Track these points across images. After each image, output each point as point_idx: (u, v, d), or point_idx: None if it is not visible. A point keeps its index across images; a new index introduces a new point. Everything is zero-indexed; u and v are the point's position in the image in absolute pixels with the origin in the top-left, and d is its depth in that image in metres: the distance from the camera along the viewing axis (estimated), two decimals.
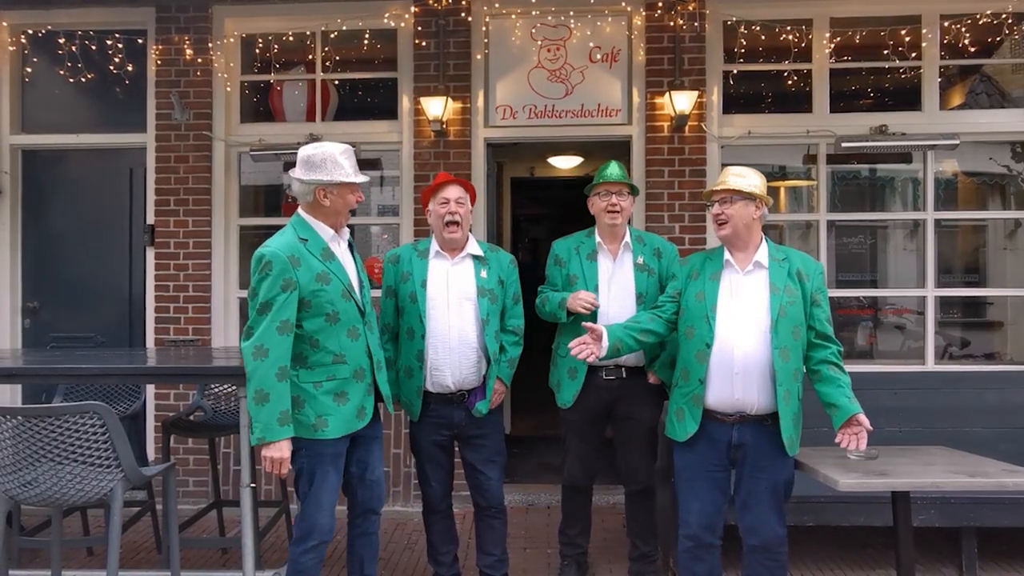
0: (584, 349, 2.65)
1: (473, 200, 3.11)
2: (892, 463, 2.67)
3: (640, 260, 3.15)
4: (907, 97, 4.65)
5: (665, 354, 3.06)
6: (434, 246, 3.05)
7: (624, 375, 3.11)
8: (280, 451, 2.44)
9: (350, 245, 2.75)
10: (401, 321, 3.02)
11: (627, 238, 3.18)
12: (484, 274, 3.02)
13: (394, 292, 3.05)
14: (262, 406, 2.42)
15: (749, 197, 2.61)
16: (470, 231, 3.13)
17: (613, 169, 3.18)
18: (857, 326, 4.96)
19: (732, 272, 2.66)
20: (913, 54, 4.56)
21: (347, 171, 2.60)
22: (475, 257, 3.05)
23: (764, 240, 2.70)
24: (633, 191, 3.19)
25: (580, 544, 3.36)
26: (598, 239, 3.19)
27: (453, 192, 2.99)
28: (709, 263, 2.73)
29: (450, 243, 3.02)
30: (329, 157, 2.59)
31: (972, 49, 4.50)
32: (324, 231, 2.62)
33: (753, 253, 2.66)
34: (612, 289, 3.11)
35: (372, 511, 2.88)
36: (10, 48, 4.82)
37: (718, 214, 2.65)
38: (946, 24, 4.50)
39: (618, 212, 3.11)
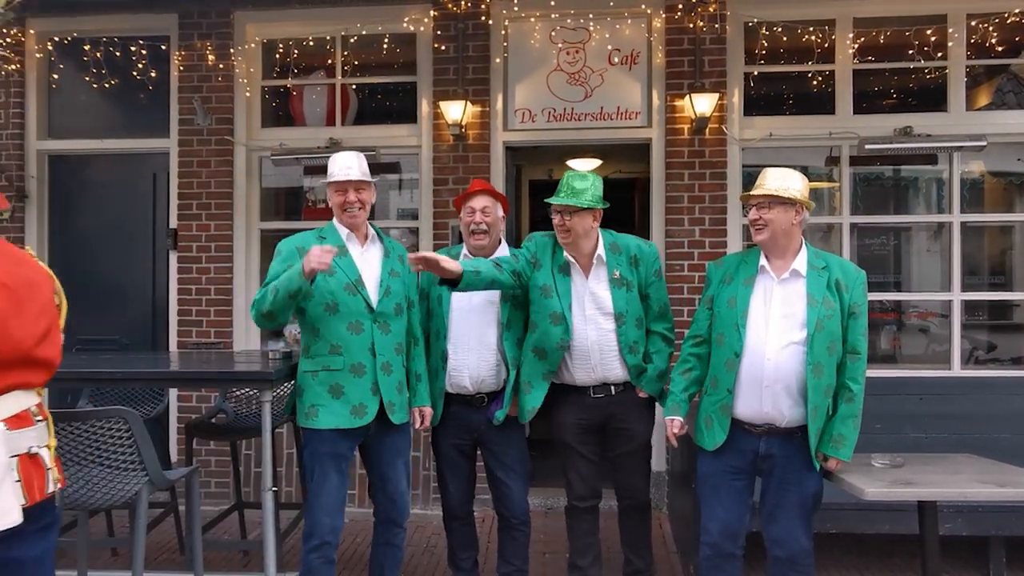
0: (675, 432, 2.73)
1: (506, 209, 3.13)
2: (918, 471, 2.62)
3: (616, 274, 2.88)
4: (932, 98, 4.58)
5: (652, 368, 2.95)
6: (464, 251, 3.08)
7: (613, 392, 2.95)
8: (314, 258, 2.50)
9: (387, 251, 2.88)
10: (431, 323, 3.05)
11: (600, 250, 2.89)
12: None
13: (426, 295, 3.08)
14: (278, 288, 2.57)
15: (789, 202, 2.50)
16: (502, 239, 3.13)
17: (562, 190, 2.83)
18: (881, 330, 4.89)
19: (767, 279, 2.57)
20: (939, 54, 4.49)
21: (332, 172, 2.81)
22: None
23: (804, 245, 2.60)
24: (590, 208, 2.82)
25: (592, 574, 3.10)
26: (567, 254, 2.90)
27: (479, 202, 3.01)
28: (744, 267, 2.64)
29: (477, 249, 3.04)
30: (330, 163, 2.82)
31: (999, 48, 4.43)
32: (341, 230, 2.83)
33: (791, 260, 2.56)
34: (587, 310, 2.87)
35: (394, 523, 2.92)
36: (37, 55, 4.90)
37: (755, 219, 2.55)
38: (973, 23, 4.42)
39: (568, 232, 2.83)
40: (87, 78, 4.83)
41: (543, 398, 2.95)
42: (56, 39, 4.89)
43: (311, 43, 4.78)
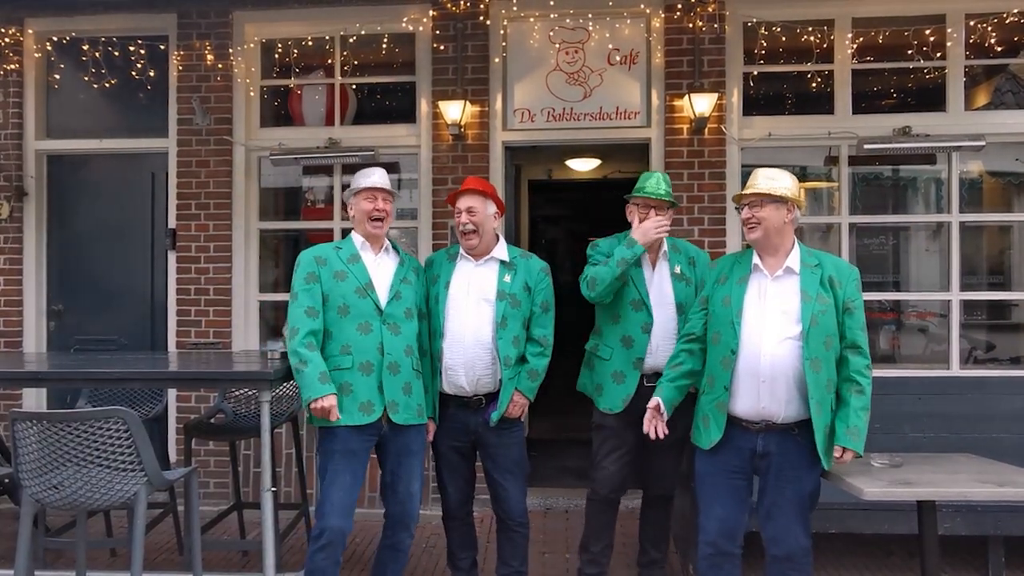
0: (653, 427, 2.69)
1: (501, 209, 3.13)
2: (917, 471, 2.63)
3: (677, 269, 3.10)
4: (931, 98, 4.58)
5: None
6: (460, 250, 3.09)
7: None
8: (327, 402, 2.68)
9: (402, 261, 2.98)
10: (430, 323, 3.06)
11: (664, 247, 3.11)
12: (508, 278, 3.02)
13: (424, 295, 3.10)
14: (302, 372, 2.70)
15: (780, 200, 2.56)
16: (499, 237, 3.14)
17: (656, 186, 3.04)
18: (880, 330, 4.89)
19: (761, 277, 2.61)
20: (937, 54, 4.49)
21: (363, 181, 2.93)
22: (501, 262, 3.06)
23: (796, 244, 2.64)
24: (674, 206, 3.10)
25: (601, 562, 3.20)
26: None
27: (464, 203, 3.02)
28: (738, 266, 2.68)
29: (469, 249, 3.05)
30: (359, 176, 2.95)
31: (998, 48, 4.43)
32: (356, 239, 2.96)
33: (784, 258, 2.60)
34: (653, 300, 3.05)
35: (401, 525, 2.92)
36: (36, 55, 4.89)
37: (748, 218, 2.60)
38: (971, 23, 4.43)
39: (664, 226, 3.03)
40: (86, 78, 4.83)
41: (635, 387, 3.02)
42: (54, 39, 4.88)
43: (310, 43, 4.77)
